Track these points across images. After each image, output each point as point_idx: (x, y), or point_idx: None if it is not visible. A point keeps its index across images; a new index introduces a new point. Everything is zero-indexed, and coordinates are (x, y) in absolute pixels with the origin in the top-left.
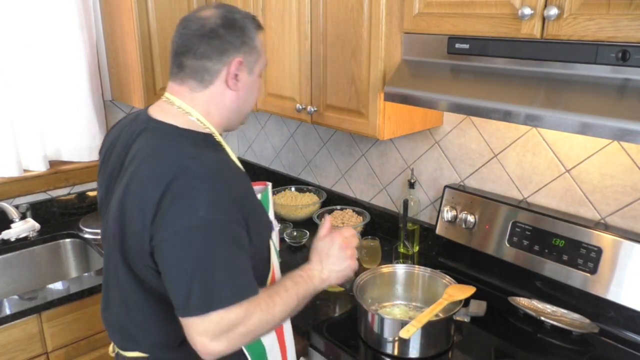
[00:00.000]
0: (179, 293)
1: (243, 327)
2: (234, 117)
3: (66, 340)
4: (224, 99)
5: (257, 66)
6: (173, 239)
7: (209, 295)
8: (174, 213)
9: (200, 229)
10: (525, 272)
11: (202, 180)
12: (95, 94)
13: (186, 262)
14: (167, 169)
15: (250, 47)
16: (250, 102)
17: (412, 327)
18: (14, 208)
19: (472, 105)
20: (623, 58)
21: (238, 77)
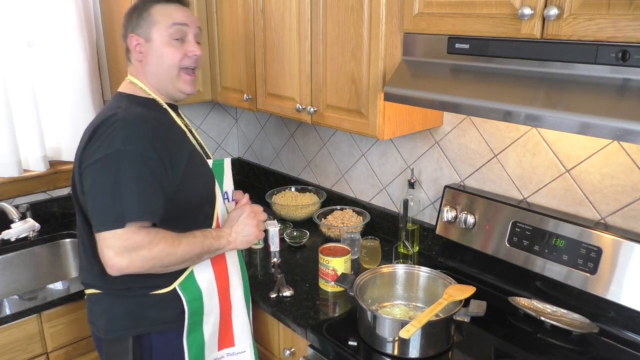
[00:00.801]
0: (94, 211)
1: (146, 251)
2: (158, 83)
3: (66, 340)
4: (143, 68)
5: (154, 33)
6: (92, 165)
7: (117, 213)
8: (96, 146)
9: (114, 157)
10: (525, 272)
11: (123, 122)
12: (95, 94)
13: (101, 184)
14: (100, 117)
15: (140, 20)
16: (165, 64)
17: (412, 327)
18: (14, 208)
19: (472, 105)
20: (623, 58)
21: (139, 49)
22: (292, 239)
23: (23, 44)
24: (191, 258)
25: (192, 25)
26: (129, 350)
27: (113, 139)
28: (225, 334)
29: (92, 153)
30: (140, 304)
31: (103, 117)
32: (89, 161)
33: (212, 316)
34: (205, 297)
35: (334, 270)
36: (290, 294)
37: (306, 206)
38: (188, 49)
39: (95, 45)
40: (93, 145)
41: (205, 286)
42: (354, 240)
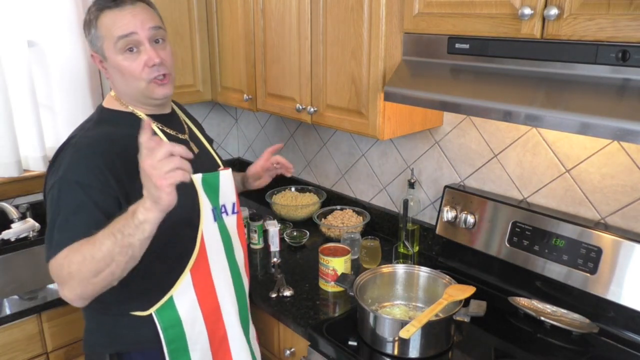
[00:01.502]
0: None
1: (66, 270)
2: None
3: (66, 340)
4: (112, 84)
5: (105, 50)
6: (43, 195)
7: (50, 244)
8: (48, 174)
9: (57, 187)
10: (525, 272)
11: (74, 148)
12: (95, 94)
13: (47, 213)
14: (65, 141)
15: (93, 37)
16: (129, 80)
17: (412, 327)
18: (14, 208)
19: (472, 105)
20: (623, 58)
21: (101, 66)
22: (292, 239)
23: (23, 43)
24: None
25: (143, 29)
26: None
27: (60, 166)
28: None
29: (46, 179)
30: (116, 323)
31: (66, 140)
32: (43, 189)
33: (198, 343)
34: (187, 325)
35: (334, 270)
36: (290, 294)
37: (306, 206)
38: (144, 59)
39: None
40: (48, 170)
41: (185, 312)
42: (354, 240)
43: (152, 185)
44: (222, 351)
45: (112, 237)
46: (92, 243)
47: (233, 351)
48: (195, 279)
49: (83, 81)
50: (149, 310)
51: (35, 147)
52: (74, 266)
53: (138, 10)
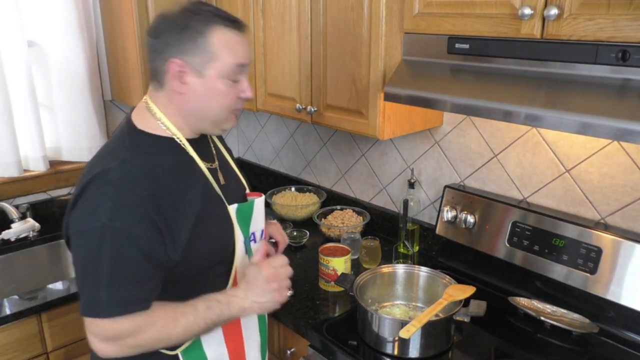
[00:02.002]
0: (78, 288)
1: (132, 340)
2: (195, 121)
3: (66, 340)
4: (175, 102)
5: (211, 69)
6: (75, 237)
7: (96, 302)
8: (81, 212)
9: (97, 234)
10: (525, 272)
11: (115, 186)
12: (95, 94)
13: (81, 263)
14: (93, 168)
15: (193, 47)
16: (214, 107)
17: (412, 327)
18: (14, 208)
19: (472, 105)
20: (623, 58)
21: (184, 80)
22: (292, 239)
23: (23, 43)
24: (194, 335)
25: (249, 61)
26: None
27: (98, 208)
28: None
29: (77, 218)
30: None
31: (97, 169)
32: (74, 229)
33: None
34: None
35: (334, 270)
36: (290, 294)
37: (306, 206)
38: (242, 90)
39: (95, 45)
40: (80, 207)
41: (212, 352)
42: (354, 240)
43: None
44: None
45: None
46: (175, 322)
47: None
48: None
49: (83, 81)
50: (175, 351)
51: (35, 147)
52: (143, 337)
53: (247, 40)
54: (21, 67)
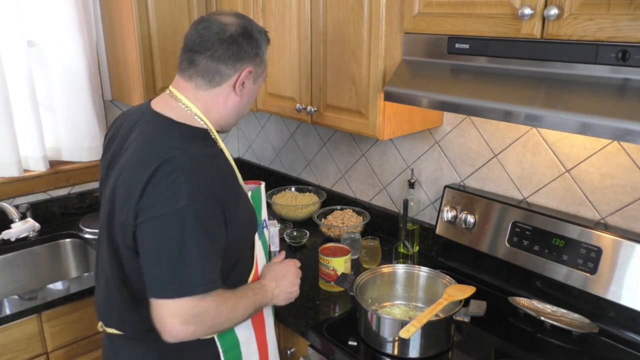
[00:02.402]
0: (154, 274)
1: (211, 319)
2: (232, 119)
3: (66, 340)
4: (227, 102)
5: (261, 77)
6: (153, 222)
7: (183, 280)
8: (156, 198)
9: (178, 217)
10: (525, 272)
11: (185, 172)
12: (95, 94)
13: (162, 245)
14: (155, 157)
15: (260, 60)
16: (248, 108)
17: (412, 327)
18: (14, 208)
19: (472, 105)
20: (623, 58)
21: (244, 84)
22: (292, 239)
23: (23, 43)
24: (246, 317)
25: None
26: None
27: (176, 192)
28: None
29: (153, 205)
30: (177, 349)
31: (160, 157)
32: (148, 215)
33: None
34: (243, 347)
35: (334, 270)
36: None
37: (306, 206)
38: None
39: (95, 45)
40: (153, 194)
41: (242, 333)
42: (354, 240)
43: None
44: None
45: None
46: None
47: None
48: None
49: (83, 81)
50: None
51: (35, 147)
52: (220, 317)
53: None
54: (21, 67)
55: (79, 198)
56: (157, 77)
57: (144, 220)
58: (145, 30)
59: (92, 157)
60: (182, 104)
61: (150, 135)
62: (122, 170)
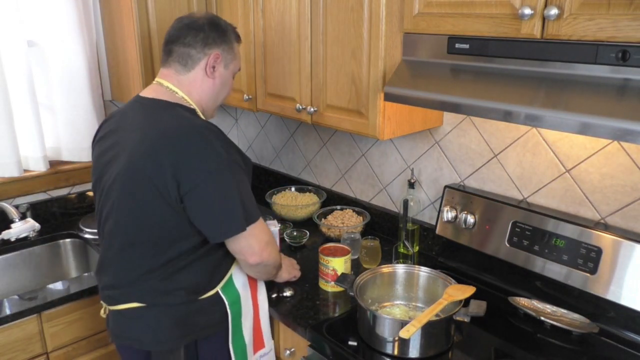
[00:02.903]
0: (234, 212)
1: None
2: (210, 103)
3: (66, 340)
4: (203, 85)
5: (232, 65)
6: (208, 178)
7: (251, 212)
8: (199, 160)
9: (227, 166)
10: (525, 272)
11: (211, 132)
12: (95, 94)
13: (225, 192)
14: (171, 128)
15: (228, 47)
16: (223, 94)
17: (412, 327)
18: (14, 208)
19: (472, 105)
20: (623, 58)
21: (215, 68)
22: (292, 239)
23: (23, 43)
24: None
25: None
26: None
27: (214, 150)
28: (257, 337)
29: (199, 165)
30: (188, 312)
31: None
32: (202, 173)
33: (247, 319)
34: (243, 300)
35: (334, 270)
36: (291, 294)
37: (306, 206)
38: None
39: (95, 45)
40: (193, 157)
41: (241, 289)
42: (354, 240)
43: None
44: (257, 329)
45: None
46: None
47: (263, 326)
48: None
49: (83, 81)
50: (215, 289)
51: (35, 147)
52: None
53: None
54: (21, 67)
55: (79, 198)
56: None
57: (201, 180)
58: (145, 30)
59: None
60: (170, 89)
61: (155, 114)
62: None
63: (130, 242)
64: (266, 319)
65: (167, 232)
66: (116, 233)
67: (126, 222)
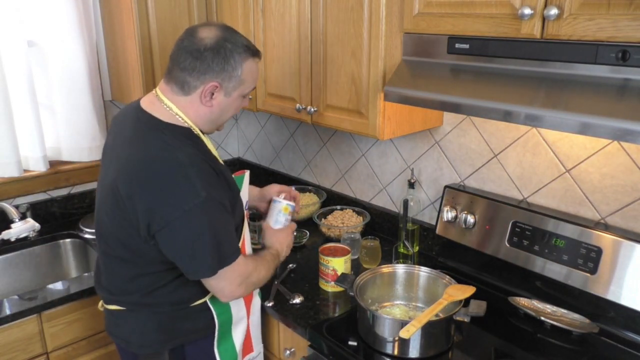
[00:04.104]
0: (204, 255)
1: (255, 278)
2: (207, 126)
3: (66, 340)
4: (198, 110)
5: (237, 91)
6: (180, 218)
7: (226, 254)
8: (174, 197)
9: (204, 207)
10: (525, 272)
11: (193, 167)
12: (95, 94)
13: (204, 230)
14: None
15: (229, 75)
16: (226, 117)
17: (412, 327)
18: (14, 208)
19: (472, 105)
20: (623, 58)
21: (213, 97)
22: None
23: (23, 43)
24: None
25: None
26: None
27: (194, 187)
28: (247, 341)
29: (174, 204)
30: (174, 317)
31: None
32: (176, 212)
33: (240, 325)
34: (233, 309)
35: (334, 270)
36: (300, 300)
37: (306, 206)
38: (244, 104)
39: (95, 45)
40: (169, 193)
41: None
42: (354, 240)
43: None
44: (247, 333)
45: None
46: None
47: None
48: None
49: (83, 81)
50: (203, 298)
51: (35, 147)
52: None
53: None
54: (21, 67)
55: (79, 198)
56: (157, 77)
57: (174, 218)
58: (145, 30)
59: (92, 157)
60: (165, 105)
61: (144, 135)
62: (123, 167)
63: (112, 254)
64: (257, 324)
65: (142, 254)
66: (102, 239)
67: (107, 234)
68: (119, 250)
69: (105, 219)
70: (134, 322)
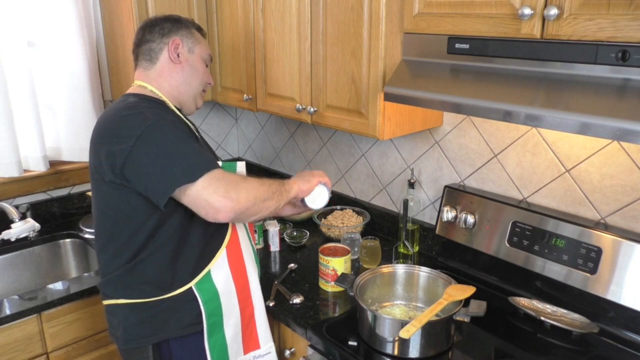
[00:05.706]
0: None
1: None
2: (183, 90)
3: (66, 340)
4: (171, 73)
5: (197, 48)
6: (141, 141)
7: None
8: (129, 127)
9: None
10: (525, 272)
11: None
12: (95, 94)
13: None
14: (115, 108)
15: (187, 32)
16: (196, 80)
17: (412, 327)
18: (14, 208)
19: (472, 105)
20: (623, 58)
21: (180, 54)
22: (292, 239)
23: (23, 44)
24: (274, 196)
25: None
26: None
27: (142, 114)
28: (249, 336)
29: (127, 135)
30: (157, 310)
31: (116, 108)
32: (131, 142)
33: (232, 317)
34: (223, 298)
35: (334, 270)
36: (300, 300)
37: None
38: (208, 77)
39: (95, 45)
40: (125, 126)
41: (221, 286)
42: (354, 240)
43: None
44: (249, 328)
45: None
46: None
47: (259, 327)
48: (230, 255)
49: (83, 81)
50: (188, 284)
51: (35, 147)
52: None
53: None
54: (21, 67)
55: (79, 198)
56: None
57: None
58: None
59: None
60: (140, 85)
61: (113, 105)
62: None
63: (100, 241)
64: (264, 319)
65: (121, 222)
66: (96, 235)
67: (96, 220)
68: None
69: (94, 207)
70: (118, 316)
